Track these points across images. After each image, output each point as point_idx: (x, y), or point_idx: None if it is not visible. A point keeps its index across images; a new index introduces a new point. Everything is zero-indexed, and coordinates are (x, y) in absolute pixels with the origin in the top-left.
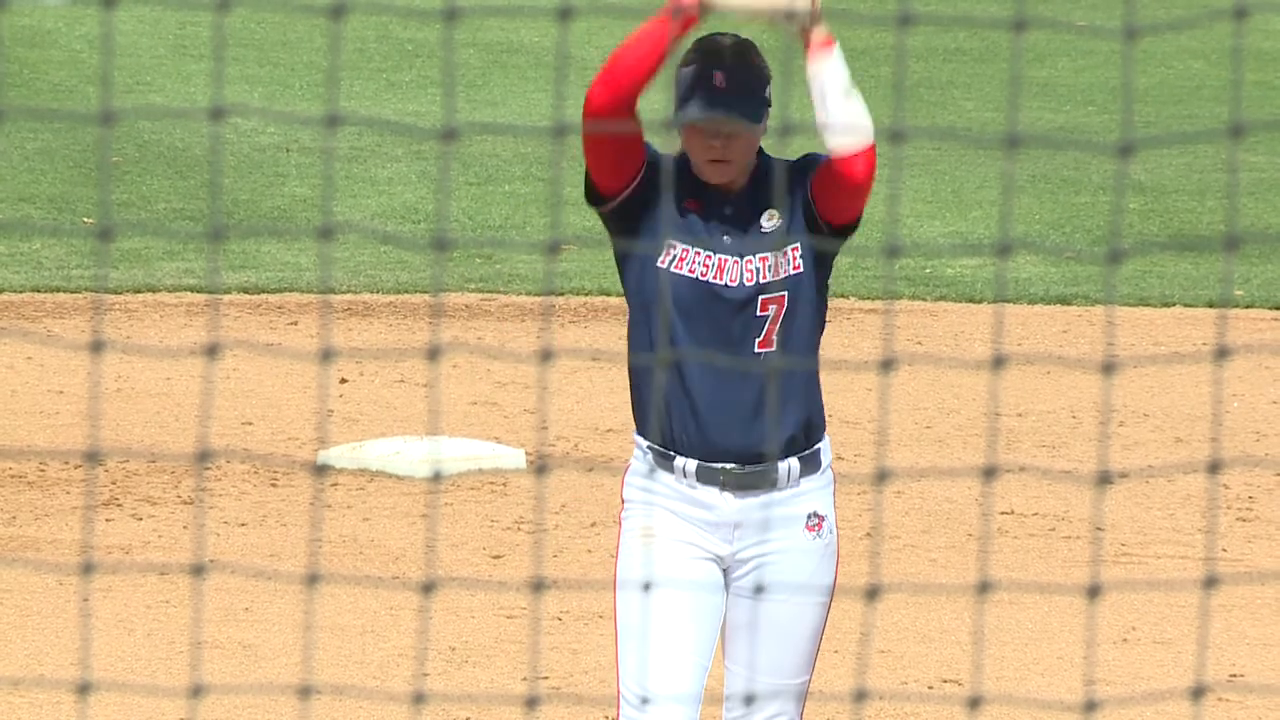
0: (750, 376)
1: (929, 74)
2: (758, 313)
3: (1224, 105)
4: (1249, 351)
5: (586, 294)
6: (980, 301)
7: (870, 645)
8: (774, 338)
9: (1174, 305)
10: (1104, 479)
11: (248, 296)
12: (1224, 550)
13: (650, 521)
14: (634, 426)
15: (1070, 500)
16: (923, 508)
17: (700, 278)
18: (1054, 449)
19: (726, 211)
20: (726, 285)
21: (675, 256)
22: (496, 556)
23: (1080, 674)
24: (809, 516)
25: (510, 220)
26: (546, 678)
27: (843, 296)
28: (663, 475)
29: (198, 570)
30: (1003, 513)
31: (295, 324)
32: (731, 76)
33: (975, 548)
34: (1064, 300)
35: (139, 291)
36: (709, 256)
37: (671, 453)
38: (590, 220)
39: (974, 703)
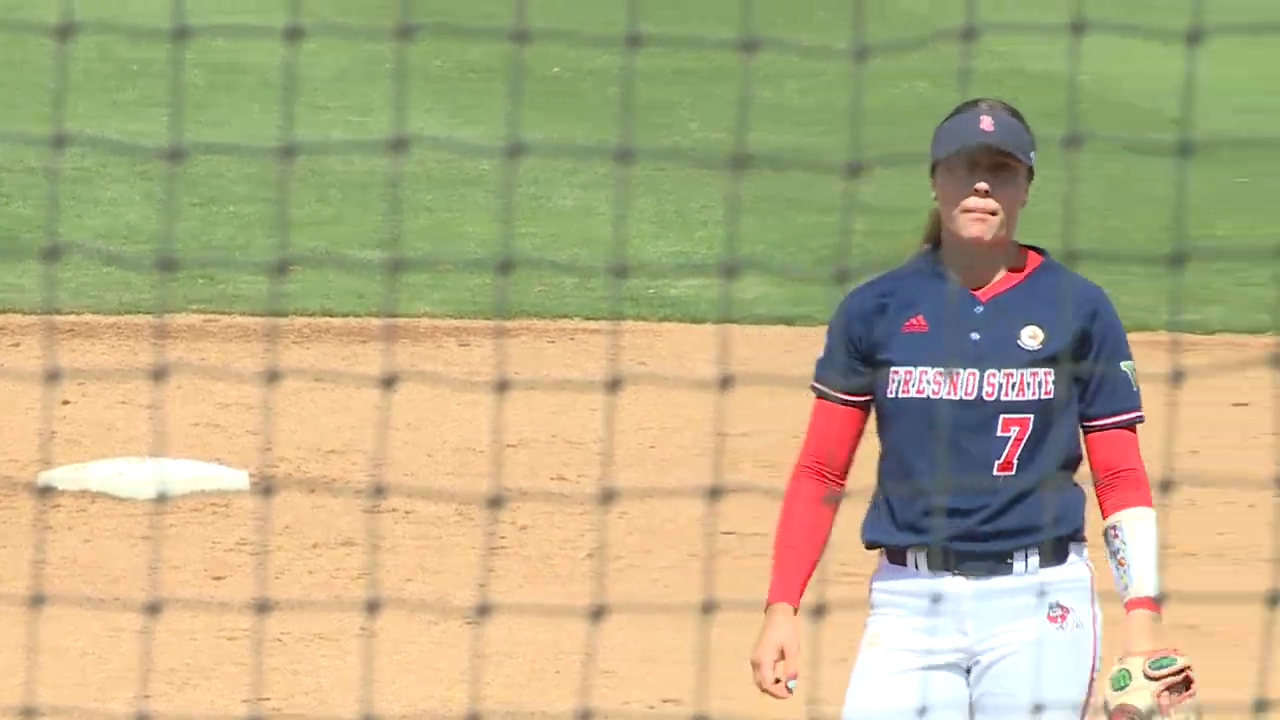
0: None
1: (656, 95)
2: (998, 432)
3: None
4: None
5: (310, 314)
6: (704, 321)
7: (594, 666)
8: (1014, 461)
9: None
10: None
11: None
12: None
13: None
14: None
15: None
16: (646, 527)
17: (931, 396)
18: (776, 469)
19: (976, 311)
20: (962, 399)
21: (900, 382)
22: (218, 578)
23: (803, 694)
24: (1051, 607)
25: (234, 241)
26: (268, 699)
27: (566, 317)
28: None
29: None
30: (725, 533)
31: (17, 345)
32: (998, 120)
33: (697, 567)
34: (788, 320)
35: None
36: (939, 373)
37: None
38: (315, 241)
39: None
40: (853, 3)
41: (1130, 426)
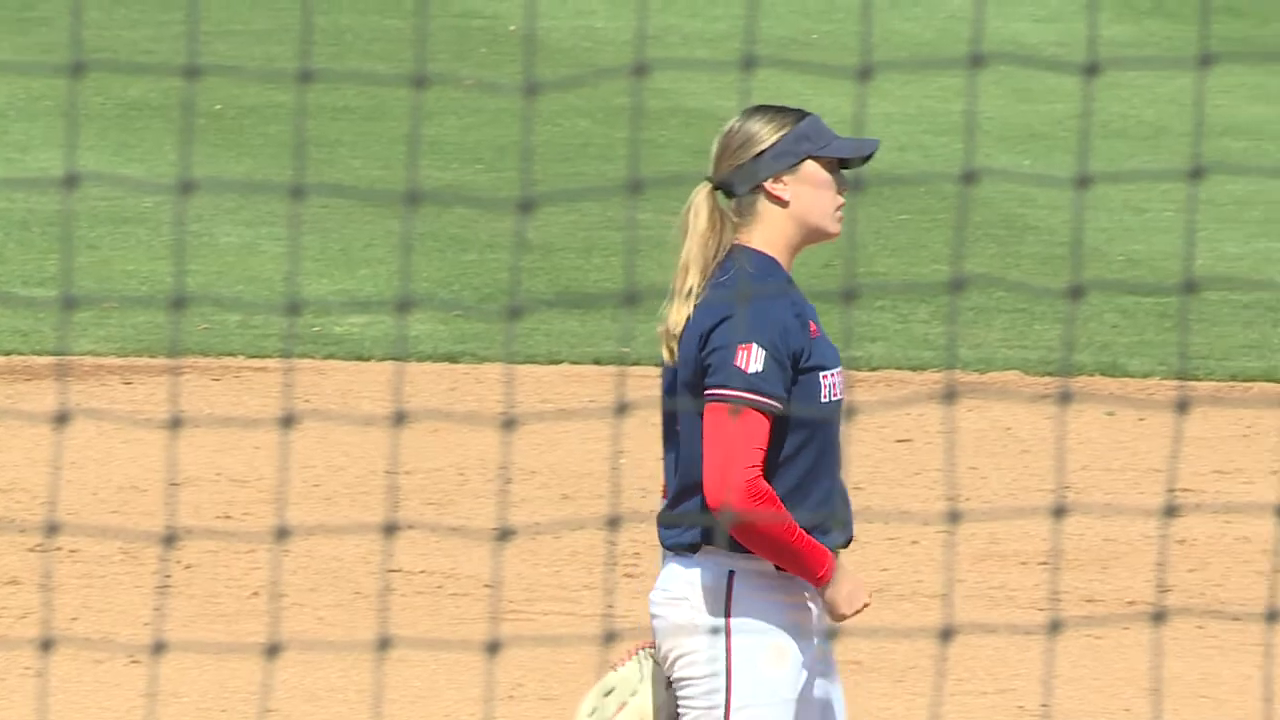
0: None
1: (318, 132)
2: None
3: (609, 163)
4: (636, 408)
5: None
6: (369, 359)
7: (261, 705)
8: None
9: (561, 363)
10: (502, 535)
11: None
12: (610, 606)
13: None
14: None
15: (458, 557)
16: (310, 566)
17: (842, 397)
18: (441, 506)
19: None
20: (841, 399)
21: (830, 386)
22: None
23: None
24: None
25: None
26: None
27: (231, 355)
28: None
29: None
30: (391, 570)
31: None
32: None
33: (363, 605)
34: (452, 358)
35: None
36: (838, 372)
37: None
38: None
39: None
40: (519, 40)
41: None
